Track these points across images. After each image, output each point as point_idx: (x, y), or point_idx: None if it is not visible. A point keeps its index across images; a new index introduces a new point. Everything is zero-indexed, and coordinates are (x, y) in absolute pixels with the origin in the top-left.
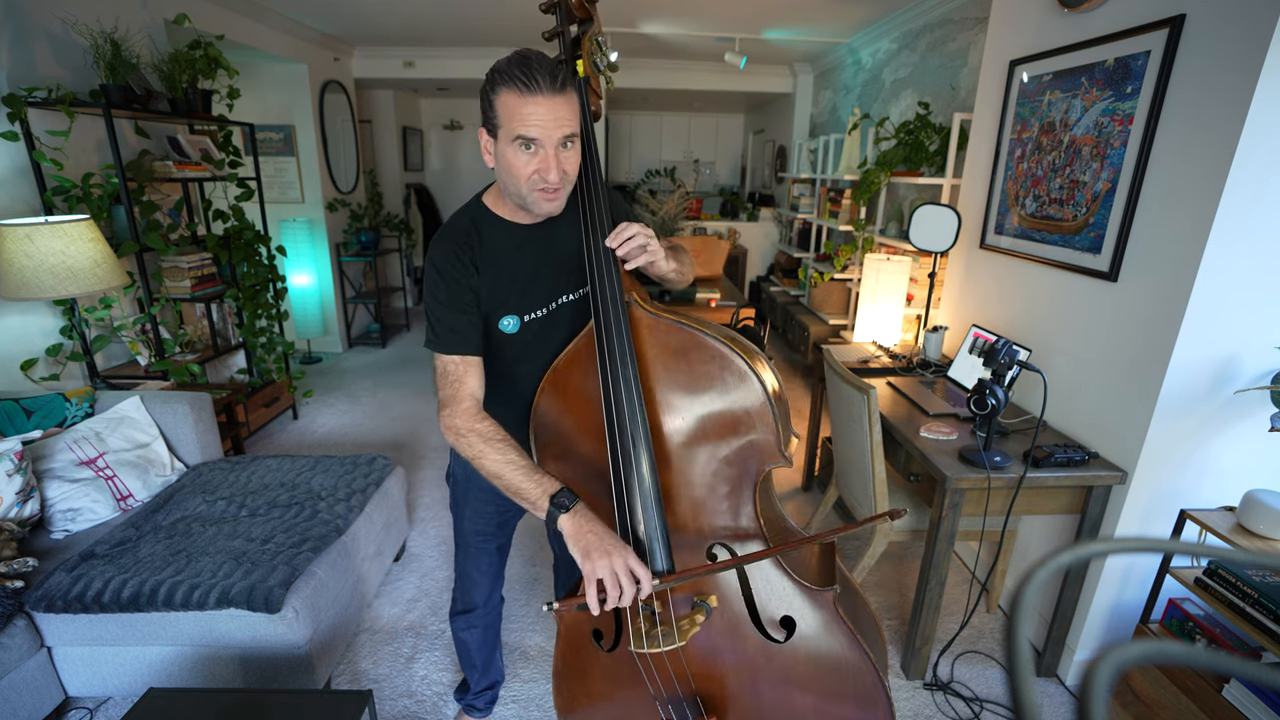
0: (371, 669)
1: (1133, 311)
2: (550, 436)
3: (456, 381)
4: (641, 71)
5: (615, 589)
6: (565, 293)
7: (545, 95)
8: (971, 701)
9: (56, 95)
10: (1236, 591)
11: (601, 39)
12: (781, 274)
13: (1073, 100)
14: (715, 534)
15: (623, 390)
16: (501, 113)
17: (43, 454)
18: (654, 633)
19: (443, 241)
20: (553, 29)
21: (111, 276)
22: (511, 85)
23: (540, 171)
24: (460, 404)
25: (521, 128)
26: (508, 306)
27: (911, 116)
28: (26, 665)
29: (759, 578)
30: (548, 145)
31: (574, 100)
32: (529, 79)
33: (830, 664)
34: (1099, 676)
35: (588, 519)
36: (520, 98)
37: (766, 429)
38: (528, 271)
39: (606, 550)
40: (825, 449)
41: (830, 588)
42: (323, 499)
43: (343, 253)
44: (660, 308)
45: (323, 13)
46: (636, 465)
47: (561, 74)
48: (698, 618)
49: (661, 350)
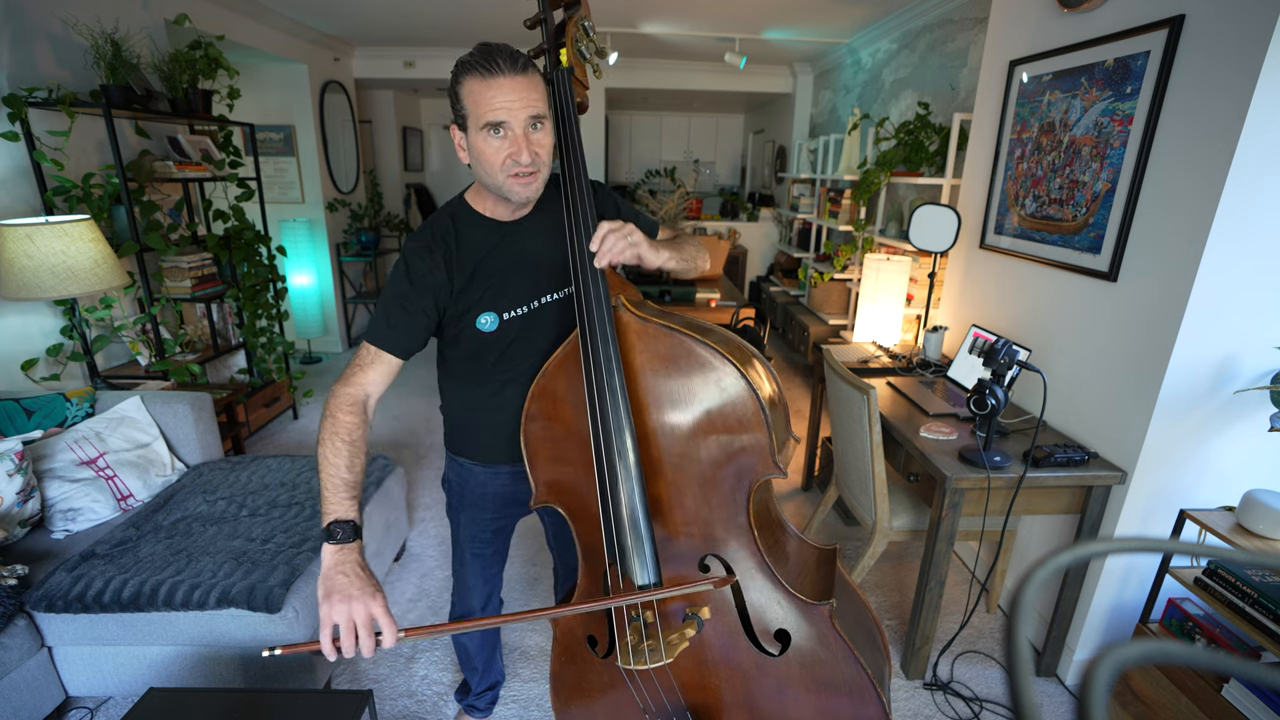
0: (371, 669)
1: (1132, 311)
2: (541, 443)
3: (360, 368)
4: (641, 71)
5: (349, 637)
6: (548, 292)
7: (507, 77)
8: (971, 701)
9: (57, 95)
10: (1236, 591)
11: (588, 24)
12: (781, 274)
13: (1072, 100)
14: (708, 545)
15: (608, 397)
16: (468, 102)
17: (43, 454)
18: (641, 647)
19: (418, 236)
20: (535, 15)
21: (112, 276)
22: (473, 72)
23: (512, 155)
24: (348, 387)
25: (489, 113)
26: (485, 303)
27: (911, 117)
28: (27, 665)
29: (753, 590)
30: (516, 126)
31: (538, 81)
32: (489, 63)
33: (825, 677)
34: (1099, 676)
35: (348, 559)
36: (483, 82)
37: (759, 438)
38: (506, 268)
39: (349, 596)
40: (825, 449)
41: (826, 602)
42: None
43: (343, 253)
44: (650, 311)
45: (323, 13)
46: (624, 475)
47: (522, 58)
48: (688, 632)
49: (650, 356)
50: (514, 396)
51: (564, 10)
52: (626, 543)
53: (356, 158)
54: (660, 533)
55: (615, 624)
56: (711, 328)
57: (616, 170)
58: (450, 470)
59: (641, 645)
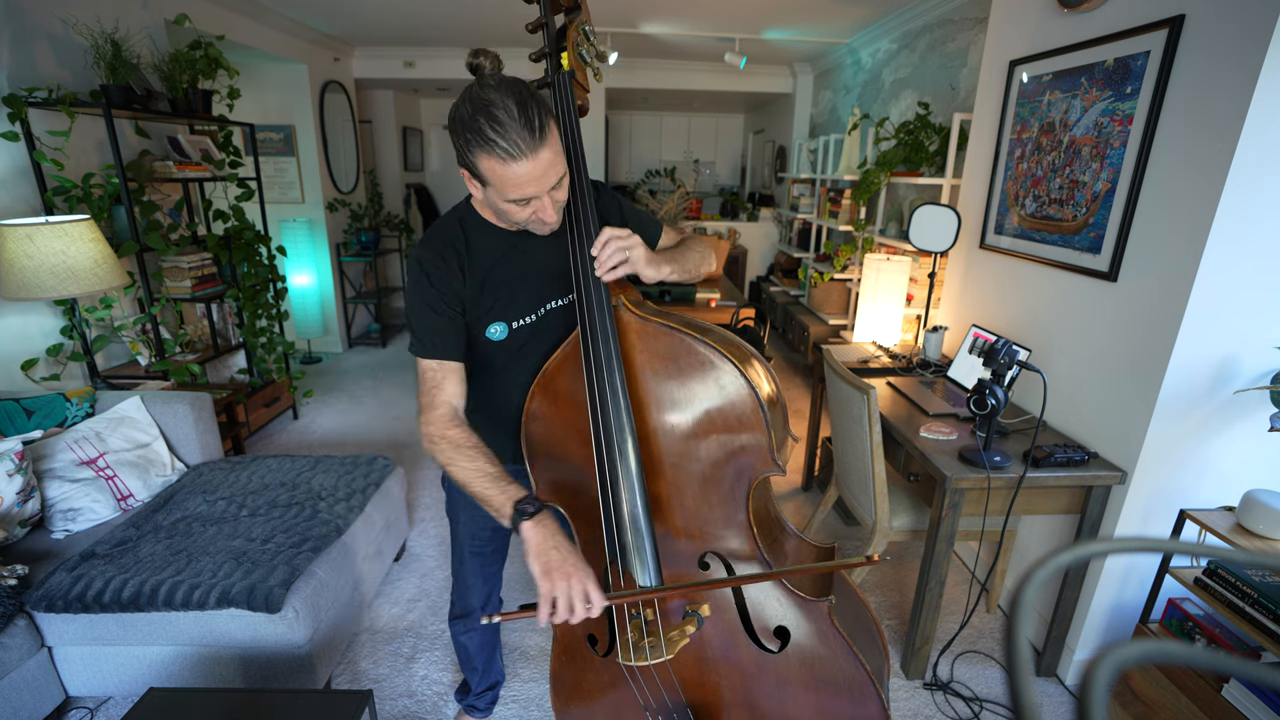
0: (371, 669)
1: (1132, 311)
2: (541, 443)
3: (434, 388)
4: (641, 71)
5: (567, 610)
6: (554, 298)
7: (529, 159)
8: (971, 701)
9: (57, 95)
10: (1236, 591)
11: (589, 28)
12: (781, 274)
13: (1072, 100)
14: (707, 543)
15: (609, 396)
16: (487, 175)
17: (43, 454)
18: (642, 644)
19: (430, 243)
20: (536, 20)
21: (112, 276)
22: (490, 152)
23: (538, 214)
24: (435, 410)
25: (514, 191)
26: (495, 313)
27: (911, 117)
28: (27, 665)
29: (753, 588)
30: (542, 195)
31: (554, 139)
32: (509, 145)
33: (825, 674)
34: (1099, 676)
35: (552, 532)
36: (505, 165)
37: (758, 436)
38: (516, 278)
39: (567, 572)
40: (825, 449)
41: (825, 598)
42: (323, 499)
43: (343, 253)
44: (650, 311)
45: (323, 13)
46: (624, 473)
47: (538, 121)
48: (688, 629)
49: (651, 355)
50: (515, 396)
51: (565, 15)
52: (627, 541)
53: (356, 158)
54: (660, 530)
55: (616, 621)
56: (711, 327)
57: (616, 170)
58: None
59: (642, 642)
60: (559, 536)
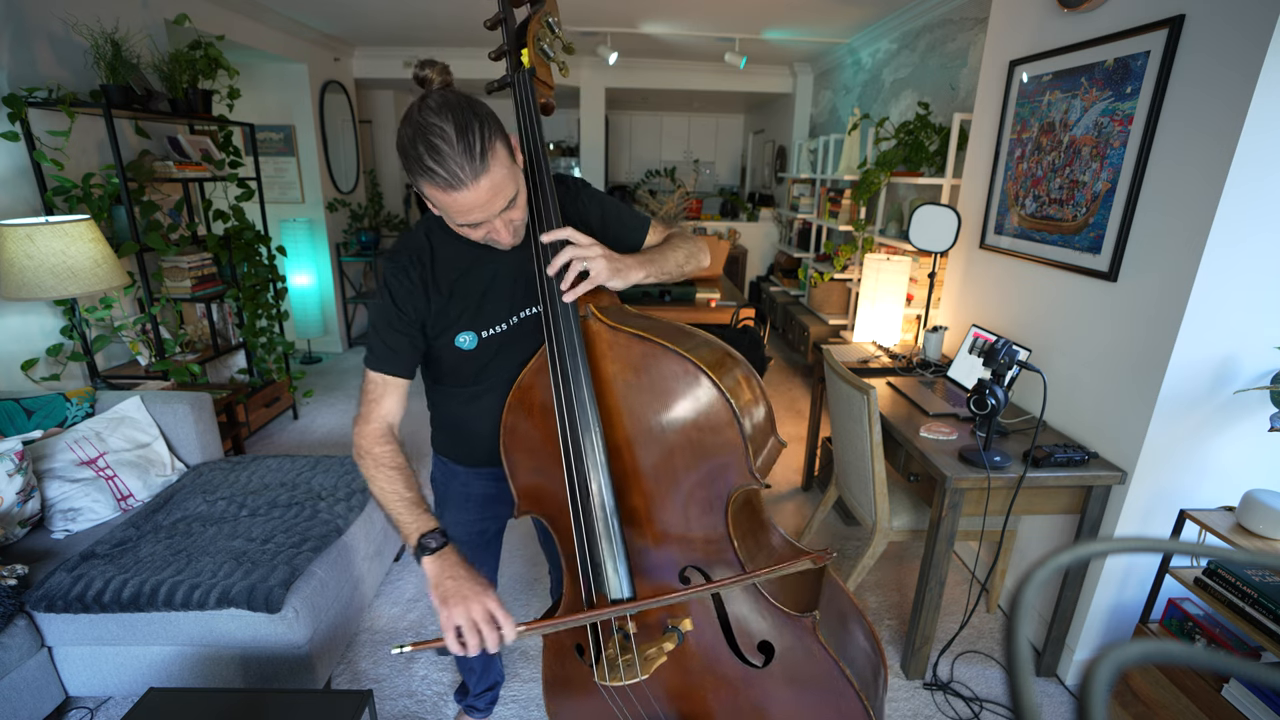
0: (371, 669)
1: (1132, 311)
2: (519, 455)
3: (373, 401)
4: (641, 71)
5: (474, 635)
6: (527, 306)
7: (469, 188)
8: (971, 701)
9: (57, 95)
10: (1236, 591)
11: (553, 20)
12: (781, 274)
13: (1072, 100)
14: (687, 556)
15: (576, 409)
16: (433, 201)
17: (43, 454)
18: (616, 662)
19: (395, 257)
20: (494, 15)
21: (112, 276)
22: (431, 181)
23: (491, 235)
24: (369, 424)
25: (461, 218)
26: (463, 323)
27: (911, 117)
28: (27, 665)
29: (735, 601)
30: (491, 218)
31: (502, 162)
32: (448, 174)
33: (810, 689)
34: (1099, 676)
35: (451, 564)
36: (447, 194)
37: (734, 448)
38: (483, 287)
39: (464, 597)
40: (825, 449)
41: (809, 614)
42: (323, 499)
43: (343, 253)
44: (621, 317)
45: (323, 13)
46: (595, 486)
47: (479, 142)
48: (665, 646)
49: (622, 366)
50: (493, 405)
51: (529, 6)
52: (600, 554)
53: (356, 158)
54: (639, 543)
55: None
56: (692, 333)
57: (617, 170)
58: (435, 468)
59: (617, 661)
60: (459, 568)
